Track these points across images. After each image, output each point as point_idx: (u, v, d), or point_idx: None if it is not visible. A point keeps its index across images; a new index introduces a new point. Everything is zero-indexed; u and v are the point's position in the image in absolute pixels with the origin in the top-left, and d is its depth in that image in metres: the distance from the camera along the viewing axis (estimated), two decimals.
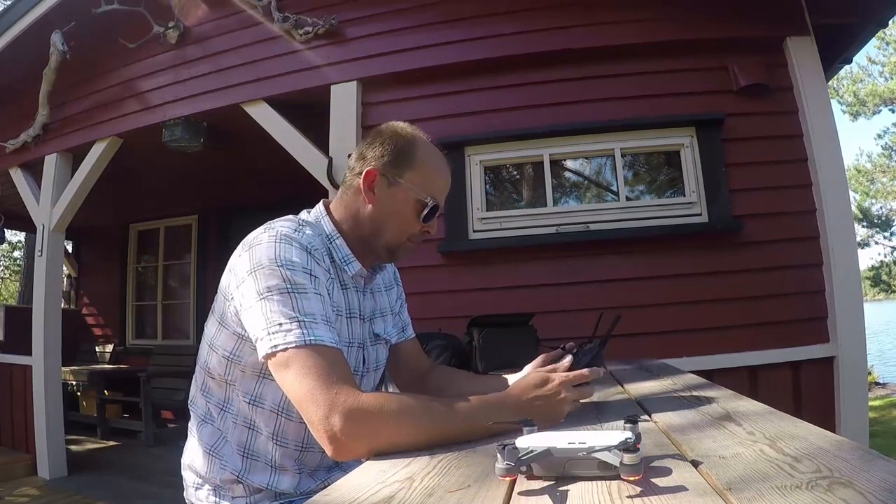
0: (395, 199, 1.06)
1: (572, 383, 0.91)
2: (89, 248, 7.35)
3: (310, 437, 1.01)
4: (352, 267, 1.07)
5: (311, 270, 0.93)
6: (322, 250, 1.01)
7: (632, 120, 2.94)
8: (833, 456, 0.62)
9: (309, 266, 0.94)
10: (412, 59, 3.12)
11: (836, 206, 2.76)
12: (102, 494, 3.77)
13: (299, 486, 1.06)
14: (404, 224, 1.07)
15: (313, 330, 0.87)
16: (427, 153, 1.08)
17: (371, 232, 1.08)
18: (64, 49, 3.78)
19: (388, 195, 1.06)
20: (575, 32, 2.99)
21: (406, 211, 1.06)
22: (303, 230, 1.00)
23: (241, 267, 0.95)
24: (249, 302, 0.91)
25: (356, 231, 1.08)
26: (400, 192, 1.06)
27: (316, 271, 0.95)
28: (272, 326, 0.87)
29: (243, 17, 3.44)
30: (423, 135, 1.11)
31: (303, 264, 0.93)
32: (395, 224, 1.07)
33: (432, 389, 1.23)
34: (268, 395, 1.02)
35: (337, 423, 0.80)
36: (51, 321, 4.17)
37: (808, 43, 2.90)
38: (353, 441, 0.81)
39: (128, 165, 4.26)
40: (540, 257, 2.89)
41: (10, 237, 13.16)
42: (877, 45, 18.00)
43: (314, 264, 0.95)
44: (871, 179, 20.48)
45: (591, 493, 0.57)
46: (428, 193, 1.07)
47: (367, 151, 1.08)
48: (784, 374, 2.71)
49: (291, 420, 1.02)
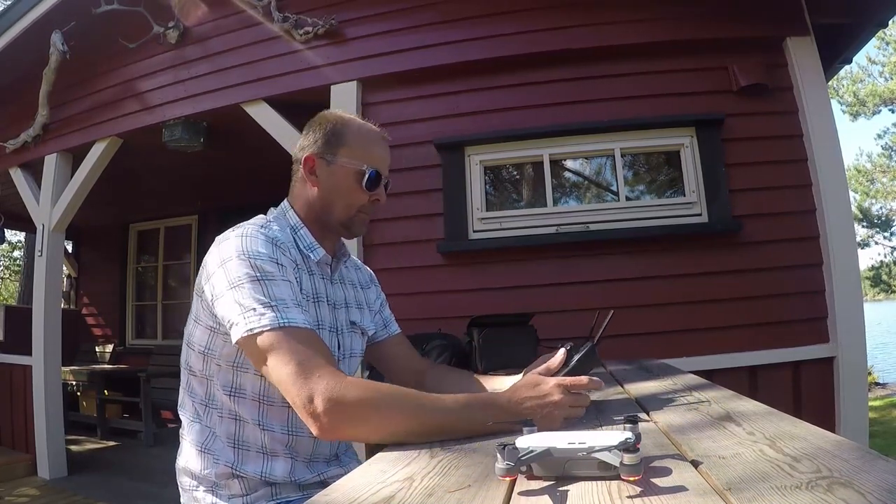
0: (336, 175, 1.12)
1: (569, 388, 0.89)
2: (89, 248, 7.35)
3: (295, 420, 1.05)
4: (316, 253, 1.13)
5: (277, 259, 0.98)
6: (288, 242, 1.08)
7: (632, 120, 2.94)
8: (833, 456, 0.62)
9: (275, 255, 0.99)
10: (412, 59, 3.12)
11: (836, 206, 2.76)
12: (102, 494, 3.77)
13: (294, 473, 1.06)
14: (349, 196, 1.12)
15: (286, 313, 0.91)
16: (358, 129, 1.15)
17: (322, 212, 1.13)
18: (64, 49, 3.78)
19: (328, 174, 1.12)
20: (575, 32, 2.99)
21: (347, 184, 1.12)
22: (270, 226, 1.07)
23: (211, 262, 0.99)
24: (220, 291, 0.94)
25: (312, 216, 1.14)
26: (338, 168, 1.12)
27: (282, 260, 1.00)
28: (246, 311, 0.90)
29: (243, 17, 3.44)
30: (354, 116, 1.19)
31: (269, 254, 0.98)
32: (341, 199, 1.12)
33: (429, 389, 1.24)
34: (247, 385, 1.04)
35: (320, 404, 0.83)
36: (51, 321, 4.17)
37: (808, 43, 2.90)
38: (336, 422, 0.84)
39: (128, 165, 4.26)
40: (540, 257, 2.89)
41: (10, 237, 13.16)
42: (877, 45, 18.03)
43: (280, 254, 1.00)
44: (871, 179, 20.49)
45: (591, 493, 0.57)
46: (365, 163, 1.12)
47: (304, 141, 1.16)
48: (784, 374, 2.71)
49: (274, 405, 1.05)
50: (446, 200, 2.99)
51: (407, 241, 3.01)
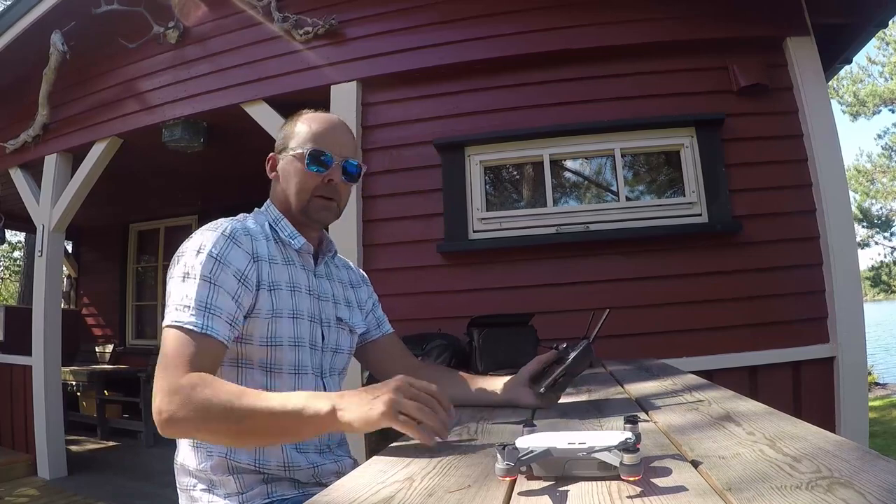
0: (286, 164, 1.16)
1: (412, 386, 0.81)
2: (89, 248, 7.36)
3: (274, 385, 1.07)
4: (297, 241, 1.15)
5: (222, 257, 1.01)
6: (260, 234, 1.11)
7: (632, 120, 2.94)
8: (833, 456, 0.62)
9: (224, 252, 1.01)
10: (412, 59, 3.12)
11: (836, 206, 2.76)
12: (102, 494, 3.78)
13: (290, 460, 1.06)
14: (298, 180, 1.14)
15: (184, 314, 0.95)
16: (307, 120, 1.18)
17: (286, 203, 1.17)
18: (64, 49, 3.78)
19: (282, 166, 1.18)
20: (575, 32, 2.99)
21: (294, 168, 1.14)
22: (245, 221, 1.13)
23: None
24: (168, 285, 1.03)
25: (282, 209, 1.18)
26: (287, 156, 1.16)
27: (230, 256, 1.02)
28: (168, 307, 0.98)
29: (243, 17, 3.44)
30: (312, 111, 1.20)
31: (215, 251, 1.01)
32: (293, 185, 1.15)
33: None
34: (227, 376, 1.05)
35: (156, 402, 0.89)
36: (51, 321, 4.17)
37: (808, 43, 2.90)
38: (165, 431, 0.89)
39: (128, 165, 4.26)
40: (540, 257, 2.89)
41: (10, 237, 13.16)
42: (877, 45, 18.01)
43: (231, 249, 1.03)
44: (871, 179, 20.48)
45: (591, 494, 0.57)
46: (306, 145, 1.13)
47: None
48: (784, 374, 2.71)
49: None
50: (446, 200, 2.99)
51: (407, 241, 3.01)
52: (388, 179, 3.06)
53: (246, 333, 1.05)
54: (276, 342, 1.07)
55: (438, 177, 3.01)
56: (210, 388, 0.88)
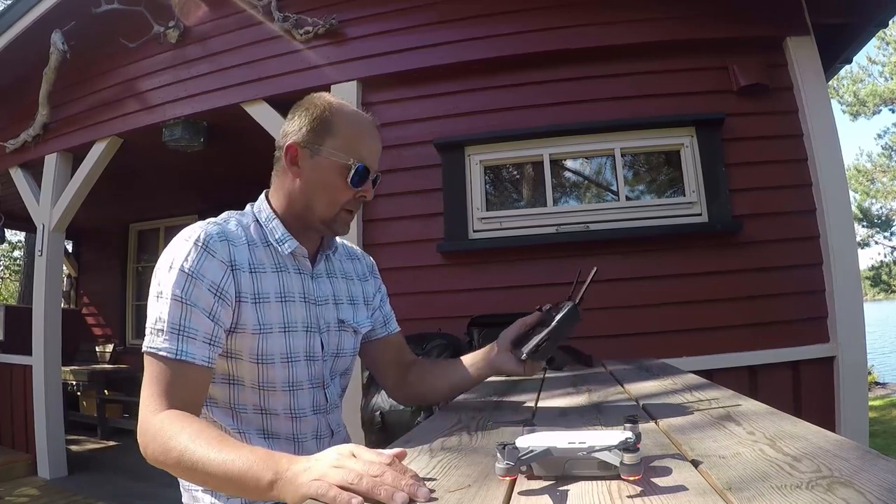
0: (320, 168, 1.03)
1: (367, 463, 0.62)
2: (89, 248, 7.36)
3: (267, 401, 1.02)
4: (287, 246, 1.05)
5: (194, 271, 0.93)
6: (240, 238, 1.01)
7: (632, 120, 2.94)
8: (833, 456, 0.62)
9: (196, 266, 0.93)
10: (412, 59, 3.12)
11: (836, 205, 2.76)
12: (102, 494, 3.77)
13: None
14: (334, 193, 1.03)
15: (158, 338, 0.91)
16: (347, 117, 1.05)
17: (304, 207, 1.05)
18: (64, 49, 3.78)
19: (311, 166, 1.03)
20: (574, 32, 2.99)
21: (332, 179, 1.03)
22: (226, 223, 1.02)
23: None
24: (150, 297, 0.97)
25: (291, 209, 1.06)
26: (323, 160, 1.03)
27: (203, 269, 0.94)
28: (146, 329, 0.93)
29: (243, 17, 3.44)
30: (344, 102, 1.08)
31: (186, 265, 0.93)
32: (324, 194, 1.03)
33: (412, 386, 1.27)
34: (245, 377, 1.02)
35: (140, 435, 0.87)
36: (51, 321, 4.17)
37: (808, 43, 2.90)
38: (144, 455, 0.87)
39: (128, 165, 4.26)
40: (540, 257, 2.89)
41: (10, 237, 13.16)
42: (877, 45, 18.00)
43: (204, 261, 0.94)
44: (871, 179, 20.47)
45: (591, 493, 0.57)
46: (352, 156, 1.02)
47: (288, 126, 1.07)
48: (784, 374, 2.71)
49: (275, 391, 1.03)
50: (446, 200, 2.98)
51: (407, 241, 3.01)
52: (388, 179, 3.05)
53: (235, 350, 0.99)
54: (268, 360, 1.00)
55: (438, 176, 3.01)
56: (172, 429, 0.82)
